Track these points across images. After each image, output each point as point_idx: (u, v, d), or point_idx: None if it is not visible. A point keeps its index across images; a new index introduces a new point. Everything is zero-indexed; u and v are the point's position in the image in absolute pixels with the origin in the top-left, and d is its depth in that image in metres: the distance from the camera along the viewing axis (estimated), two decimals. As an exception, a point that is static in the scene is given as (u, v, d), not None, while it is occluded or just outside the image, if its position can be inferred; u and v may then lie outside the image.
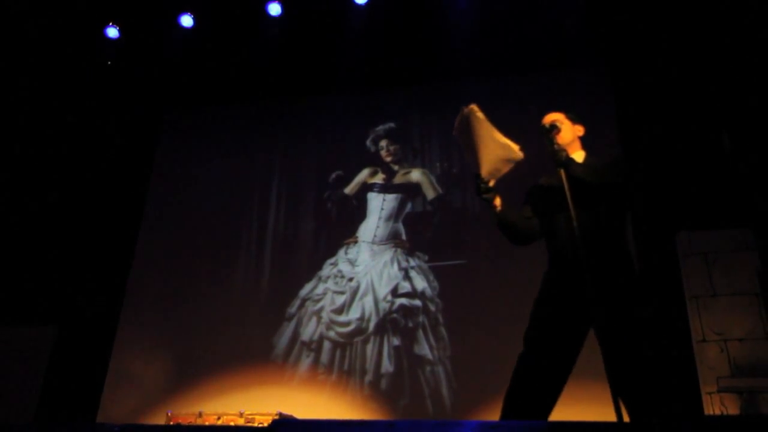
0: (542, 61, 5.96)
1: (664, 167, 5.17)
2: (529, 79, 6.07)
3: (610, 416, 2.39)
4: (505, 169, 2.83)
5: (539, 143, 2.84)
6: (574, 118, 3.04)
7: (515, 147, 2.77)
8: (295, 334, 5.68)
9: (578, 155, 2.96)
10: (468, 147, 2.86)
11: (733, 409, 4.34)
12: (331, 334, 5.60)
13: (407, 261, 5.73)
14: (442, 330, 5.40)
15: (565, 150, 2.75)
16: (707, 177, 5.02)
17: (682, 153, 5.18)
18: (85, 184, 6.62)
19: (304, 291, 5.85)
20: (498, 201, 2.90)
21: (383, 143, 6.28)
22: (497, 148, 2.78)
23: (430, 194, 5.96)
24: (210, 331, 5.84)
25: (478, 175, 2.85)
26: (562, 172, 2.67)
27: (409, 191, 6.04)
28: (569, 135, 2.96)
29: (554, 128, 2.83)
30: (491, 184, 2.83)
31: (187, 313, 5.96)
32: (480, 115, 2.76)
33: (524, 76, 6.12)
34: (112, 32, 6.21)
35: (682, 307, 4.80)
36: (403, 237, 5.86)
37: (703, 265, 4.87)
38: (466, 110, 2.78)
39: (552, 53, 5.86)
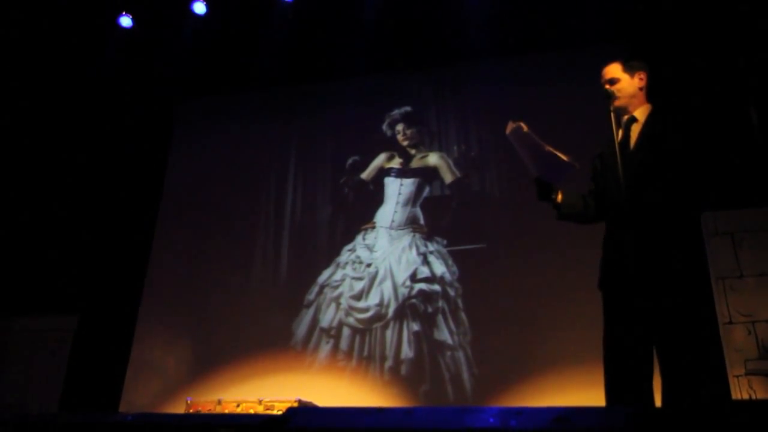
0: (561, 40, 5.81)
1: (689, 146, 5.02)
2: (547, 58, 5.92)
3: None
4: (558, 179, 2.83)
5: (565, 125, 2.76)
6: (635, 67, 2.83)
7: (565, 158, 2.72)
8: (314, 321, 5.66)
9: (641, 111, 2.79)
10: (524, 154, 2.81)
11: (761, 392, 4.24)
12: (350, 320, 5.57)
13: (426, 246, 5.66)
14: (462, 315, 5.34)
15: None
16: (733, 155, 4.87)
17: (707, 131, 5.03)
18: (104, 177, 6.65)
19: (323, 278, 5.82)
20: (560, 197, 2.82)
21: (399, 127, 6.20)
22: (548, 160, 2.74)
23: (448, 178, 5.88)
24: (229, 319, 5.85)
25: (538, 180, 2.80)
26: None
27: (427, 175, 5.96)
28: (629, 89, 2.79)
29: (612, 96, 2.72)
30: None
31: (206, 302, 5.98)
32: (526, 130, 2.72)
33: (542, 55, 5.97)
34: (126, 21, 6.18)
35: (708, 288, 4.69)
36: (421, 222, 5.79)
37: (730, 245, 4.74)
38: (514, 125, 2.71)
39: (569, 31, 5.71)
